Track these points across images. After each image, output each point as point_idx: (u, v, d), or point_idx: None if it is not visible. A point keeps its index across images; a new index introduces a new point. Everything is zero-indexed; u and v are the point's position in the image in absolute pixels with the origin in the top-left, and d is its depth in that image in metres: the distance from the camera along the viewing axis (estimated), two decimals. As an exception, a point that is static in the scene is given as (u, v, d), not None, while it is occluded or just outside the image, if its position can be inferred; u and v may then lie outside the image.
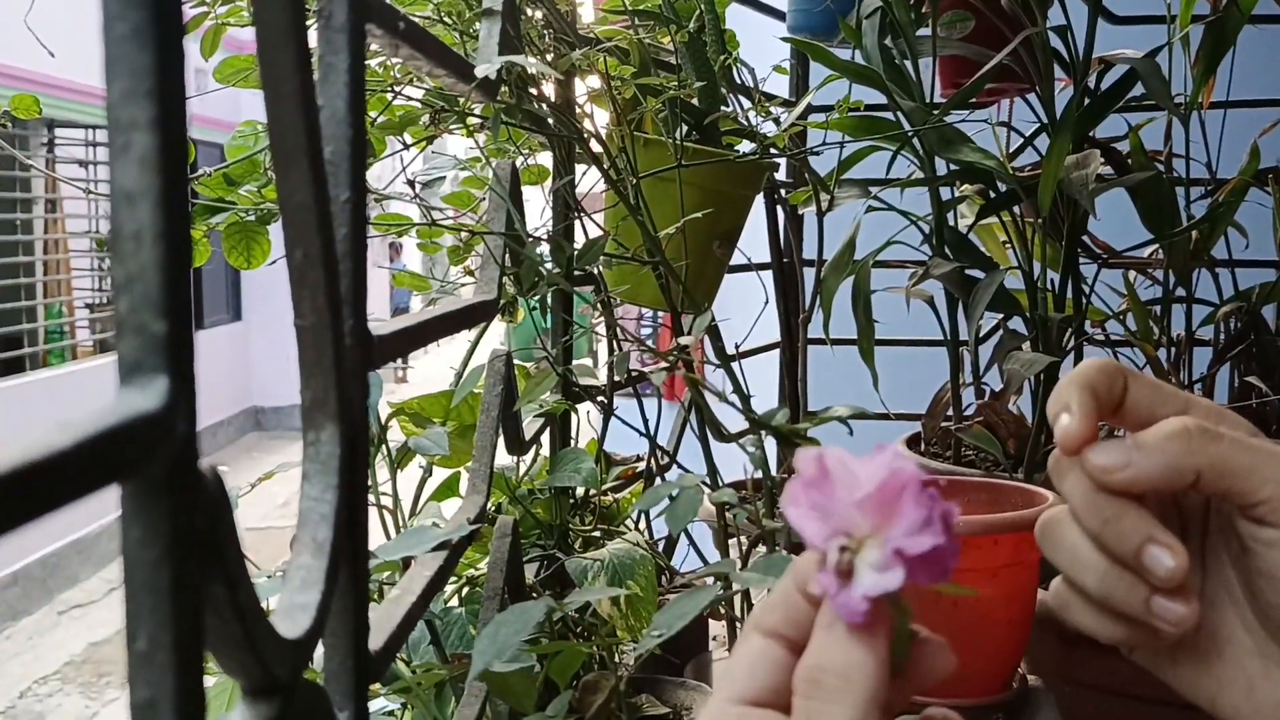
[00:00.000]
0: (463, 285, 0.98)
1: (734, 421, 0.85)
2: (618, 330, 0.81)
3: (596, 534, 0.97)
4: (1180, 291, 1.11)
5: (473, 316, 0.61)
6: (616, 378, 0.86)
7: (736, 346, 1.14)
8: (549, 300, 0.80)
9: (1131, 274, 1.20)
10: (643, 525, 1.09)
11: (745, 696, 0.31)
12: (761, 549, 0.69)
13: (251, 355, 9.29)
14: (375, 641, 0.42)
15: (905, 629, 0.31)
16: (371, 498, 0.74)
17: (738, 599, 0.64)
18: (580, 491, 1.01)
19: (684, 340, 0.66)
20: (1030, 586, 0.76)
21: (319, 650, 0.41)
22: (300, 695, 0.33)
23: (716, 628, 1.10)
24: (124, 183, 0.23)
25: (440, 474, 0.94)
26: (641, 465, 1.05)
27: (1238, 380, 1.07)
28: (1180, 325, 1.13)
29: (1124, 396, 0.37)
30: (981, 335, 1.14)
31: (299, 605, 0.34)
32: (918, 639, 0.32)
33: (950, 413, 1.13)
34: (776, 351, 1.40)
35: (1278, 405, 1.03)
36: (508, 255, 0.68)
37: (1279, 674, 0.36)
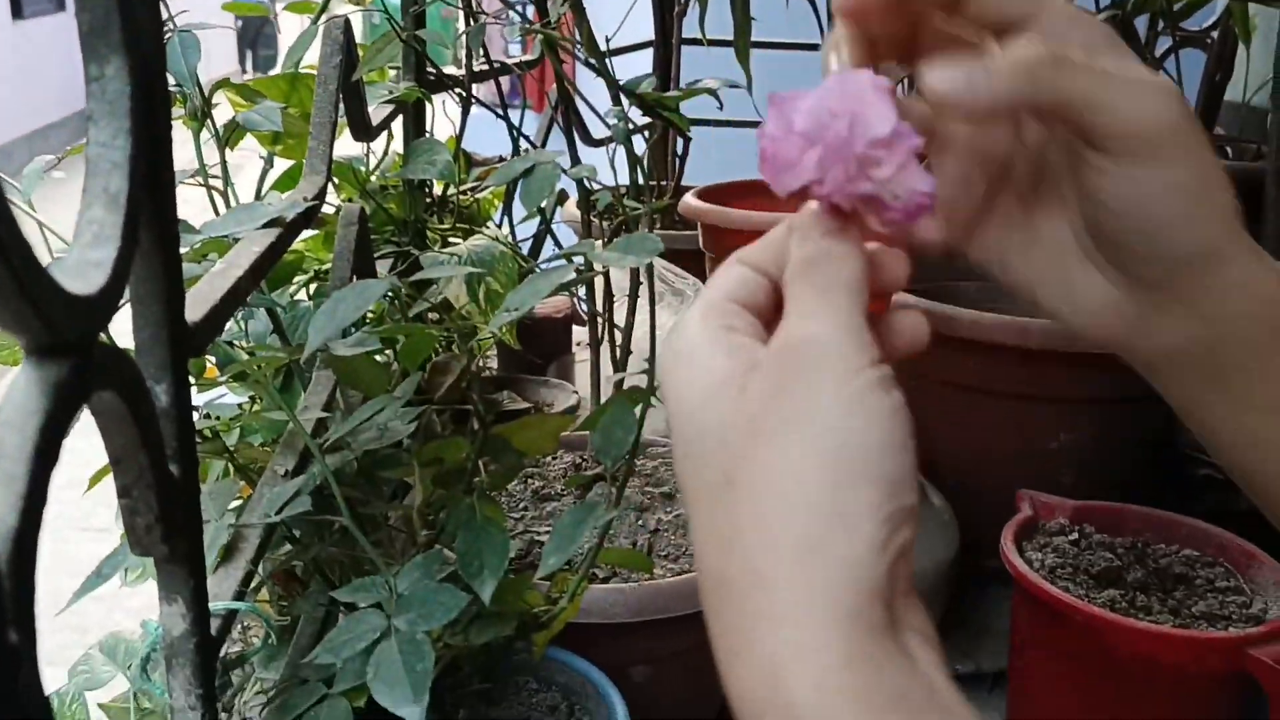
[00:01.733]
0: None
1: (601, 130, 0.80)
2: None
3: (456, 236, 0.93)
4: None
5: (301, -35, 0.53)
6: (476, 61, 0.79)
7: (607, 41, 1.07)
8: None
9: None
10: (505, 230, 1.05)
11: (732, 297, 0.31)
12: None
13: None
14: (195, 314, 0.38)
15: None
16: (199, 179, 0.68)
17: (599, 286, 0.62)
18: (438, 189, 0.96)
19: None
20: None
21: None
22: (99, 360, 0.29)
23: (580, 333, 1.10)
24: None
25: (282, 166, 0.87)
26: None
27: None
28: None
29: None
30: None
31: (91, 261, 0.30)
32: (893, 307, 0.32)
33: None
34: (650, 51, 1.32)
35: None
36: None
37: (1098, 277, 0.36)
